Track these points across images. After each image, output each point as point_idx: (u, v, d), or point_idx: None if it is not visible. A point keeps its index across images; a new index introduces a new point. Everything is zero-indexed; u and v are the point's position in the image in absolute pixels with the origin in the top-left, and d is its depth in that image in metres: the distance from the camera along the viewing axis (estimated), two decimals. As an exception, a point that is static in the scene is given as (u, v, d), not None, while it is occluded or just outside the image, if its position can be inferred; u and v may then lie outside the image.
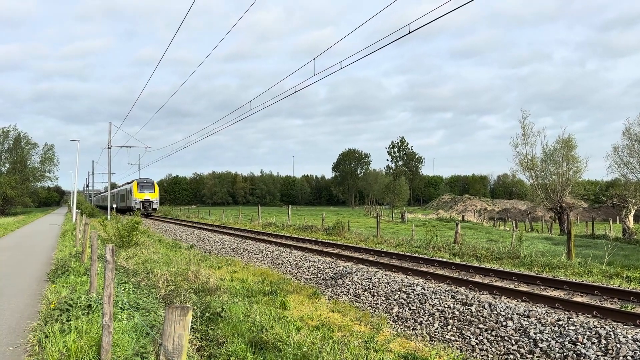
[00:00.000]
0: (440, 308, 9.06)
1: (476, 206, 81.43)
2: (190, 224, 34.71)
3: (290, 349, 6.50)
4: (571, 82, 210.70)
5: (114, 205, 52.37)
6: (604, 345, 6.54)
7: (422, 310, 9.25)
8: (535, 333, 7.29)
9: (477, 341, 7.72)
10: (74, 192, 47.65)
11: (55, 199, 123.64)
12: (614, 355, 6.35)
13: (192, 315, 5.12)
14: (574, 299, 8.68)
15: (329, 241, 19.51)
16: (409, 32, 11.62)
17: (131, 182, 52.86)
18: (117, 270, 11.46)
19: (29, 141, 73.61)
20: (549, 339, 7.03)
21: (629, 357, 6.23)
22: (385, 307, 10.00)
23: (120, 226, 18.54)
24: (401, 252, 15.51)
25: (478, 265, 12.52)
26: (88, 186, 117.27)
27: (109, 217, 38.12)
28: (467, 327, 8.17)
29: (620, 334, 6.68)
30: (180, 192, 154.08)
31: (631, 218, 31.30)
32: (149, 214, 49.72)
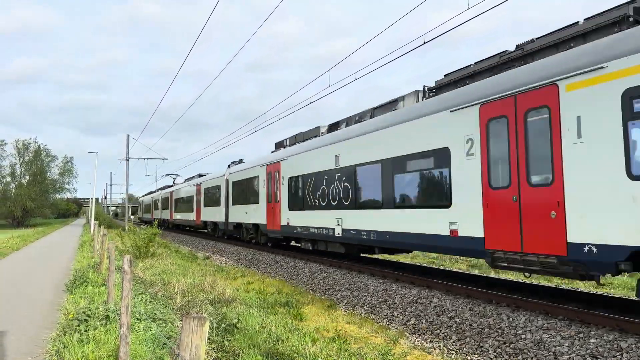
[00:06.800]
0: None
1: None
2: (208, 236, 34.84)
3: (306, 361, 6.47)
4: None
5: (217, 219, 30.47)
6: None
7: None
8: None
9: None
10: (92, 204, 48.23)
11: (73, 210, 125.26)
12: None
13: (209, 326, 5.13)
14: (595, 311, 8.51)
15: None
16: (424, 43, 11.64)
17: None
18: (134, 281, 11.55)
19: (48, 153, 74.94)
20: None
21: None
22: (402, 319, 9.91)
23: (138, 238, 18.70)
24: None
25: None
26: (106, 197, 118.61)
27: (126, 228, 38.45)
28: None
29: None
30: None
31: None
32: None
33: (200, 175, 37.13)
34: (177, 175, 52.05)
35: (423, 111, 11.29)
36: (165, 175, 54.05)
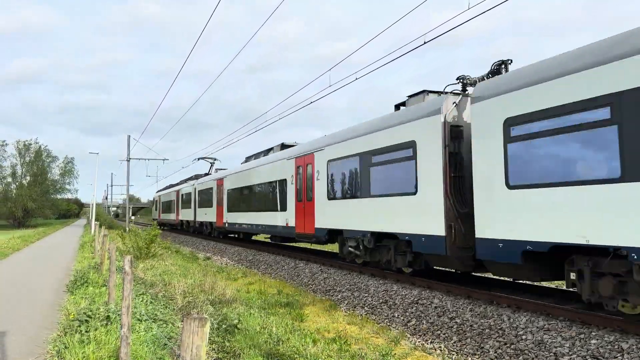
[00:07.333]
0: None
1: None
2: (209, 236, 34.84)
3: (306, 362, 6.46)
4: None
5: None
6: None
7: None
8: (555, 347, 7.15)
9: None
10: (93, 204, 48.27)
11: (74, 210, 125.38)
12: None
13: (210, 326, 5.13)
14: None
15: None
16: (424, 43, 11.63)
17: None
18: (135, 281, 11.55)
19: (49, 154, 75.11)
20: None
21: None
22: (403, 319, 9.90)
23: (139, 238, 18.69)
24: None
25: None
26: (107, 198, 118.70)
27: (127, 229, 38.47)
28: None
29: (644, 348, 6.50)
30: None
31: None
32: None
33: (285, 146, 21.20)
34: (215, 159, 37.96)
35: None
36: (198, 159, 38.64)
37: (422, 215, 10.99)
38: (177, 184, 45.03)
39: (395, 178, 12.02)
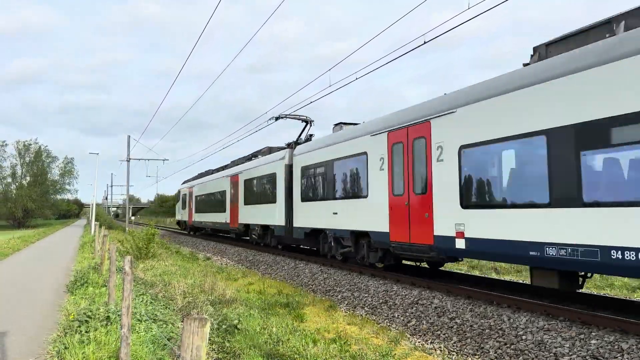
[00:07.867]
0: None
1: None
2: (209, 237, 34.84)
3: (307, 362, 6.46)
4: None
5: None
6: (627, 360, 6.38)
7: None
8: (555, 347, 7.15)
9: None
10: (93, 205, 48.28)
11: (74, 211, 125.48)
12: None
13: (210, 327, 5.12)
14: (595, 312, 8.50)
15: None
16: (424, 43, 11.64)
17: None
18: (135, 282, 11.55)
19: (49, 154, 75.25)
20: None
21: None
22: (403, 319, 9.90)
23: (137, 240, 18.70)
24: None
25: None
26: (107, 198, 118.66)
27: (126, 229, 38.45)
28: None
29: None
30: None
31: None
32: None
33: None
34: (309, 119, 20.55)
35: None
36: (276, 118, 21.02)
37: None
38: (228, 166, 28.65)
39: None
